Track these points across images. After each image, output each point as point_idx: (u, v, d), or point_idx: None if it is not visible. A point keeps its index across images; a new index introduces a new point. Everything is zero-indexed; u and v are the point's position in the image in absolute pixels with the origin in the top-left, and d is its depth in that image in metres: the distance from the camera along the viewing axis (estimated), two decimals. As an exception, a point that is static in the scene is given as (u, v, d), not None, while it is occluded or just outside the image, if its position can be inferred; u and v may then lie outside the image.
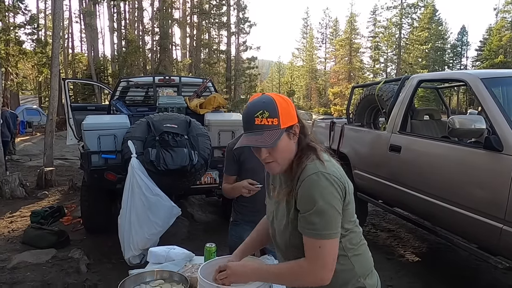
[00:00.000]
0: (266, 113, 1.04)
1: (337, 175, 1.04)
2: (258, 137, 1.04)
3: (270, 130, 1.04)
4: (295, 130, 1.09)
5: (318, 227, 1.01)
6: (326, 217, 1.01)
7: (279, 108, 1.05)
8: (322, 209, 1.00)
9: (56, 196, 6.05)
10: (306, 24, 53.21)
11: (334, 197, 1.02)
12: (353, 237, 1.14)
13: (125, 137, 3.38)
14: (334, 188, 1.02)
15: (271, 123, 1.04)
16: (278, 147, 1.05)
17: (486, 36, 39.13)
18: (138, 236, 3.10)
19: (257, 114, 1.04)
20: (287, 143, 1.07)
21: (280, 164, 1.09)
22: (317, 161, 1.05)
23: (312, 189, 1.01)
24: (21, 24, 19.99)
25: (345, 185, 1.05)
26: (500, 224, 2.27)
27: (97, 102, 20.21)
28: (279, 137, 1.04)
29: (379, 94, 4.04)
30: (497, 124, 2.39)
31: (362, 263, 1.16)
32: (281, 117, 1.04)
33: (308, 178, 1.02)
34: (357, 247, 1.15)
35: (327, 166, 1.04)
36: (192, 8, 30.75)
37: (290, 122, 1.07)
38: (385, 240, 4.19)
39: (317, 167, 1.03)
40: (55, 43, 7.46)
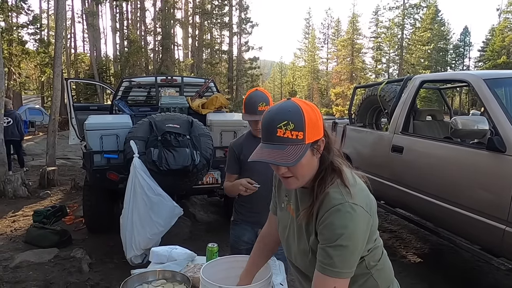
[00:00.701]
0: (291, 125, 0.91)
1: (364, 203, 0.95)
2: (279, 151, 0.92)
3: (294, 145, 0.91)
4: (320, 146, 0.97)
5: (336, 264, 0.92)
6: (348, 254, 0.92)
7: (306, 120, 0.92)
8: (345, 246, 0.91)
9: (59, 195, 6.07)
10: (308, 24, 53.16)
11: (359, 231, 0.92)
12: (376, 253, 1.07)
13: (127, 137, 3.39)
14: (360, 221, 0.92)
15: (296, 137, 0.91)
16: (299, 167, 0.94)
17: (489, 36, 39.01)
18: (140, 236, 3.11)
19: (280, 125, 0.92)
20: (309, 160, 0.95)
21: (299, 180, 0.99)
22: (342, 187, 0.95)
23: (336, 222, 0.91)
24: (24, 24, 20.07)
25: (370, 214, 0.96)
26: (503, 226, 2.26)
27: (99, 102, 20.27)
28: (303, 154, 0.91)
29: (381, 94, 4.03)
30: (500, 125, 2.38)
31: (385, 276, 1.11)
32: (307, 131, 0.92)
33: (333, 210, 0.92)
34: (379, 262, 1.08)
35: (353, 193, 0.94)
36: (194, 9, 30.80)
37: (316, 136, 0.95)
38: (387, 241, 4.18)
39: (343, 197, 0.92)
40: (58, 43, 7.49)
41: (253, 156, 0.97)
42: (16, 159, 8.06)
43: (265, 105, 1.84)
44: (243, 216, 2.03)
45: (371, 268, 1.05)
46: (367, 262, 1.03)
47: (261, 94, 1.88)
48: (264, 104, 1.84)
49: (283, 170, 0.97)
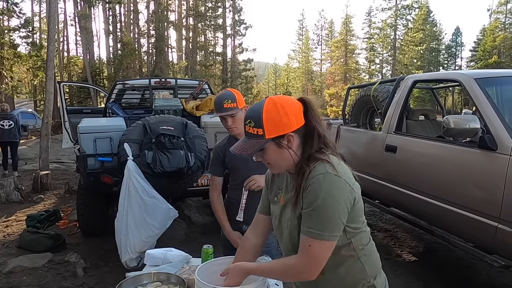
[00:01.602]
0: (252, 123, 1.07)
1: (346, 177, 1.04)
2: (244, 144, 1.10)
3: (255, 139, 1.08)
4: (288, 139, 1.07)
5: (314, 226, 1.01)
6: (324, 217, 1.01)
7: (264, 119, 1.05)
8: (322, 208, 1.00)
9: (52, 199, 6.01)
10: (301, 26, 53.32)
11: (338, 200, 1.01)
12: (363, 237, 1.13)
13: (121, 139, 3.37)
14: (340, 190, 1.01)
15: (256, 133, 1.07)
16: (267, 154, 1.10)
17: (480, 36, 39.46)
18: (135, 238, 3.09)
19: (246, 122, 1.10)
20: (276, 151, 1.08)
21: (276, 166, 1.13)
22: (325, 163, 1.05)
23: (317, 188, 1.01)
24: (15, 28, 19.92)
25: (352, 188, 1.05)
26: (495, 223, 2.29)
27: (93, 105, 20.15)
28: (261, 147, 1.07)
29: (374, 95, 4.06)
30: (491, 124, 2.41)
31: (372, 263, 1.16)
32: (265, 128, 1.06)
33: (315, 178, 1.02)
34: (366, 247, 1.14)
35: (336, 167, 1.03)
36: (188, 11, 30.78)
37: (279, 132, 1.06)
38: (382, 240, 4.21)
39: (325, 168, 1.03)
40: (50, 46, 7.44)
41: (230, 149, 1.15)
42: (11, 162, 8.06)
43: (230, 102, 1.88)
44: (232, 214, 2.05)
45: (358, 251, 1.11)
46: (354, 244, 1.10)
47: (228, 92, 1.95)
48: (229, 101, 1.89)
49: (258, 159, 1.13)
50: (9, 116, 7.79)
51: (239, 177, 1.99)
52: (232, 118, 1.91)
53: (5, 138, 7.64)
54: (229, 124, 1.92)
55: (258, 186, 1.87)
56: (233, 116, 1.90)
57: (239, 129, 1.90)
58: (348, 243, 1.09)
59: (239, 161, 1.92)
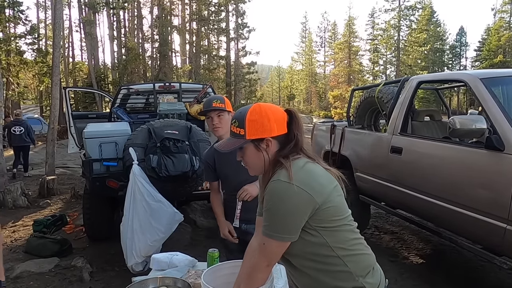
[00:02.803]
0: (236, 122, 1.17)
1: (302, 183, 1.07)
2: (227, 141, 1.20)
3: (236, 138, 1.17)
4: (267, 144, 1.15)
5: (267, 225, 1.12)
6: (275, 219, 1.10)
7: (247, 122, 1.15)
8: (273, 212, 1.09)
9: (58, 204, 6.05)
10: (304, 28, 53.43)
11: (287, 206, 1.07)
12: (343, 236, 1.15)
13: (126, 144, 3.39)
14: (288, 198, 1.07)
15: (238, 132, 1.16)
16: (245, 154, 1.18)
17: (485, 36, 39.21)
18: (140, 243, 3.10)
19: (232, 122, 1.19)
20: (253, 153, 1.17)
21: (252, 168, 1.22)
22: (283, 170, 1.11)
23: (268, 194, 1.10)
24: (21, 34, 20.18)
25: (309, 193, 1.07)
26: (504, 224, 2.25)
27: (98, 110, 20.28)
28: (239, 146, 1.16)
29: (379, 96, 4.04)
30: (498, 124, 2.39)
31: (359, 262, 1.16)
32: (247, 130, 1.14)
33: (270, 184, 1.11)
34: (349, 246, 1.15)
35: (292, 175, 1.08)
36: (191, 15, 30.95)
37: (259, 135, 1.14)
38: (389, 242, 4.17)
39: (279, 175, 1.10)
40: (56, 52, 7.52)
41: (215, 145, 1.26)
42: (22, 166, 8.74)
43: (219, 102, 1.96)
44: (228, 215, 2.09)
45: (337, 251, 1.13)
46: (331, 244, 1.13)
47: (219, 95, 2.06)
48: (218, 102, 1.96)
49: (238, 158, 1.22)
50: (20, 122, 8.68)
51: (230, 186, 2.03)
52: (218, 118, 1.96)
53: (16, 143, 8.60)
54: (215, 123, 1.97)
55: (250, 196, 1.90)
56: (219, 116, 1.95)
57: (224, 130, 1.95)
58: (324, 243, 1.12)
59: (229, 170, 1.96)
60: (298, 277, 1.21)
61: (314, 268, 1.15)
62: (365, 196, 3.84)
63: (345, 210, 1.17)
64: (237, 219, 1.99)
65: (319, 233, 1.12)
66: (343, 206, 1.16)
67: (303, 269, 1.17)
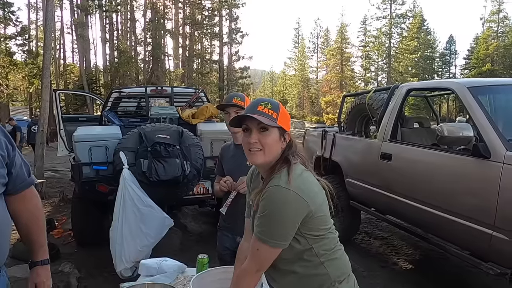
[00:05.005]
0: (269, 105, 1.17)
1: (299, 190, 1.09)
2: (256, 115, 1.13)
3: (268, 118, 1.14)
4: (286, 137, 1.19)
5: (262, 231, 1.11)
6: (272, 225, 1.09)
7: (281, 110, 1.18)
8: (270, 217, 1.09)
9: (47, 208, 5.95)
10: (297, 34, 53.82)
11: (285, 213, 1.08)
12: (327, 243, 1.19)
13: (116, 148, 3.36)
14: (288, 205, 1.08)
15: (271, 114, 1.15)
16: (268, 137, 1.15)
17: (474, 45, 40.00)
18: (130, 248, 3.07)
19: (261, 103, 1.17)
20: (276, 141, 1.16)
21: (264, 155, 1.16)
22: (284, 174, 1.11)
23: (267, 199, 1.10)
24: (12, 35, 19.92)
25: (306, 201, 1.09)
26: (490, 230, 2.29)
27: (89, 113, 20.09)
28: (273, 125, 1.14)
29: (369, 103, 4.09)
30: (484, 132, 2.43)
31: (337, 267, 1.20)
32: (280, 116, 1.16)
33: (268, 189, 1.11)
34: (330, 252, 1.19)
35: (291, 180, 1.09)
36: (185, 19, 30.97)
37: (286, 126, 1.18)
38: (379, 248, 4.20)
39: (279, 181, 1.10)
40: (46, 54, 7.44)
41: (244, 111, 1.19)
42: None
43: (240, 99, 1.94)
44: (224, 223, 2.07)
45: (320, 256, 1.17)
46: (316, 250, 1.16)
47: (240, 93, 2.03)
48: (239, 99, 1.94)
49: (253, 139, 1.15)
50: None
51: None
52: (236, 114, 1.92)
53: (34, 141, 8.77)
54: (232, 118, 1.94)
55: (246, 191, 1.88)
56: (237, 112, 1.92)
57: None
58: (309, 249, 1.15)
59: (233, 165, 1.97)
60: (279, 279, 1.22)
61: (295, 271, 1.18)
62: (356, 202, 3.87)
63: (330, 219, 1.21)
64: (226, 207, 1.97)
65: (306, 240, 1.14)
66: (329, 216, 1.20)
67: (285, 272, 1.19)
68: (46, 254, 1.42)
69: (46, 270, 1.40)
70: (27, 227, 1.36)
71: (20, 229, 1.37)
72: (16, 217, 1.33)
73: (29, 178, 1.36)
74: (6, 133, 1.30)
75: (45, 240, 1.43)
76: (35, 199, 1.39)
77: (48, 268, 1.41)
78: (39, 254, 1.39)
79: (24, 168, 1.34)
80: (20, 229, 1.38)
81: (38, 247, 1.40)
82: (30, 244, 1.39)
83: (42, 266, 1.39)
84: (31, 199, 1.37)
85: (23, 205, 1.33)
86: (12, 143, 1.29)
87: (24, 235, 1.39)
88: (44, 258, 1.40)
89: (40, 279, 1.37)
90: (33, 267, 1.39)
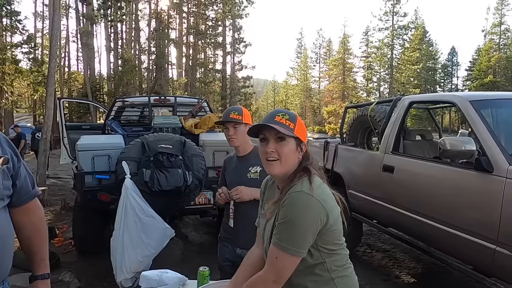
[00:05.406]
0: (287, 115, 1.20)
1: (321, 199, 1.10)
2: (274, 125, 1.15)
3: (285, 128, 1.16)
4: (303, 148, 1.21)
5: (282, 238, 1.08)
6: (293, 233, 1.07)
7: (298, 120, 1.21)
8: (292, 224, 1.07)
9: (48, 216, 5.95)
10: (300, 44, 54.28)
11: (308, 218, 1.07)
12: (339, 259, 1.18)
13: (119, 157, 3.37)
14: (311, 210, 1.08)
15: (288, 124, 1.18)
16: (285, 147, 1.16)
17: (476, 56, 40.20)
18: (130, 258, 3.05)
19: (279, 114, 1.20)
20: (293, 151, 1.17)
21: (281, 165, 1.16)
22: (305, 182, 1.12)
23: (289, 205, 1.09)
24: (18, 43, 20.16)
25: (327, 210, 1.10)
26: (493, 246, 2.27)
27: (92, 121, 20.20)
28: (290, 135, 1.16)
29: (371, 114, 4.10)
30: (487, 146, 2.43)
31: (347, 285, 1.19)
32: (297, 126, 1.19)
33: (292, 194, 1.10)
34: (342, 269, 1.18)
35: (314, 188, 1.10)
36: (189, 29, 31.32)
37: (302, 137, 1.20)
38: (381, 260, 4.16)
39: (302, 187, 1.10)
40: (52, 62, 7.52)
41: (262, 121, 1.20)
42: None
43: (237, 114, 1.96)
44: (224, 233, 2.08)
45: (332, 272, 1.16)
46: (328, 265, 1.15)
47: (238, 107, 2.06)
48: (236, 113, 1.96)
49: (270, 149, 1.16)
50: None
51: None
52: (234, 129, 1.96)
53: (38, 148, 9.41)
54: (231, 133, 1.97)
55: (239, 198, 1.90)
56: (235, 127, 1.95)
57: (239, 141, 1.96)
58: (321, 263, 1.14)
59: (235, 177, 2.00)
60: None
61: (305, 286, 1.16)
62: (357, 214, 3.85)
63: (342, 236, 1.21)
64: (232, 219, 1.97)
65: (320, 253, 1.14)
66: (342, 232, 1.20)
67: (294, 285, 1.17)
68: (47, 268, 1.39)
69: (46, 284, 1.37)
70: (29, 239, 1.35)
71: (22, 240, 1.36)
72: (18, 229, 1.31)
73: (33, 190, 1.34)
74: (12, 144, 1.30)
75: (47, 254, 1.41)
76: (39, 211, 1.37)
77: (48, 282, 1.38)
78: (40, 267, 1.37)
79: (28, 180, 1.32)
80: (22, 240, 1.36)
81: (39, 260, 1.37)
82: (31, 256, 1.37)
83: (42, 281, 1.36)
84: (35, 211, 1.35)
85: (27, 217, 1.32)
86: (18, 155, 1.28)
87: (25, 246, 1.36)
88: (44, 272, 1.38)
89: None
90: (33, 281, 1.37)
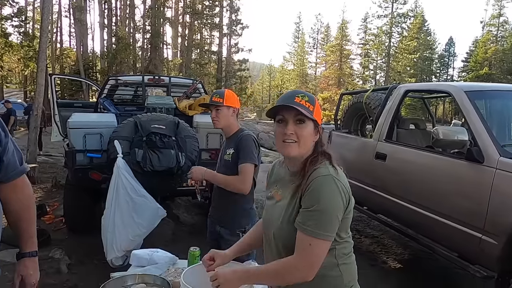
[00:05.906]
0: (306, 97, 1.15)
1: (345, 183, 1.11)
2: (298, 106, 1.12)
3: (306, 110, 1.12)
4: (319, 131, 1.18)
5: (315, 225, 1.06)
6: (325, 217, 1.06)
7: (317, 103, 1.17)
8: (324, 209, 1.06)
9: (38, 193, 5.91)
10: (298, 28, 53.57)
11: (338, 202, 1.07)
12: (346, 247, 1.19)
13: (111, 136, 3.34)
14: (340, 194, 1.08)
15: (308, 106, 1.14)
16: (304, 129, 1.13)
17: (472, 48, 40.17)
18: (121, 237, 3.06)
19: (298, 95, 1.15)
20: (311, 134, 1.15)
21: (299, 147, 1.14)
22: (329, 166, 1.12)
23: (320, 188, 1.07)
24: (8, 16, 19.58)
25: (349, 194, 1.12)
26: (479, 234, 2.33)
27: (84, 99, 19.90)
28: (311, 117, 1.13)
29: (367, 102, 4.09)
30: (479, 136, 2.45)
31: (350, 272, 1.20)
32: (316, 109, 1.16)
33: (320, 178, 1.08)
34: (347, 257, 1.19)
35: (339, 172, 1.12)
36: (185, 8, 30.65)
37: (319, 119, 1.17)
38: (369, 246, 4.24)
39: (330, 171, 1.10)
40: (43, 37, 7.32)
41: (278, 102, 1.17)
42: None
43: (218, 97, 2.04)
44: (209, 212, 2.23)
45: (339, 258, 1.16)
46: (337, 252, 1.15)
47: (221, 90, 2.12)
48: (218, 96, 2.04)
49: (290, 131, 1.13)
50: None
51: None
52: (216, 112, 2.03)
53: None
54: (213, 116, 2.07)
55: (191, 178, 2.10)
56: (217, 110, 2.02)
57: (221, 123, 2.05)
58: (332, 249, 1.13)
59: (220, 157, 2.16)
60: None
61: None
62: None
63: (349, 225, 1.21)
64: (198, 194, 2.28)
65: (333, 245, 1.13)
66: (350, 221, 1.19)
67: None
68: (35, 245, 1.37)
69: (33, 262, 1.36)
70: (17, 216, 1.32)
71: (10, 217, 1.32)
72: (6, 206, 1.28)
73: (21, 167, 1.29)
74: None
75: (35, 232, 1.38)
76: (27, 188, 1.33)
77: (36, 260, 1.36)
78: (28, 245, 1.35)
79: (16, 156, 1.27)
80: (9, 217, 1.32)
81: (27, 237, 1.35)
82: (19, 233, 1.34)
83: (29, 258, 1.35)
84: (23, 189, 1.31)
85: (14, 194, 1.28)
86: (5, 129, 1.23)
87: (13, 223, 1.34)
88: (32, 250, 1.36)
89: (27, 271, 1.34)
90: (20, 258, 1.35)
